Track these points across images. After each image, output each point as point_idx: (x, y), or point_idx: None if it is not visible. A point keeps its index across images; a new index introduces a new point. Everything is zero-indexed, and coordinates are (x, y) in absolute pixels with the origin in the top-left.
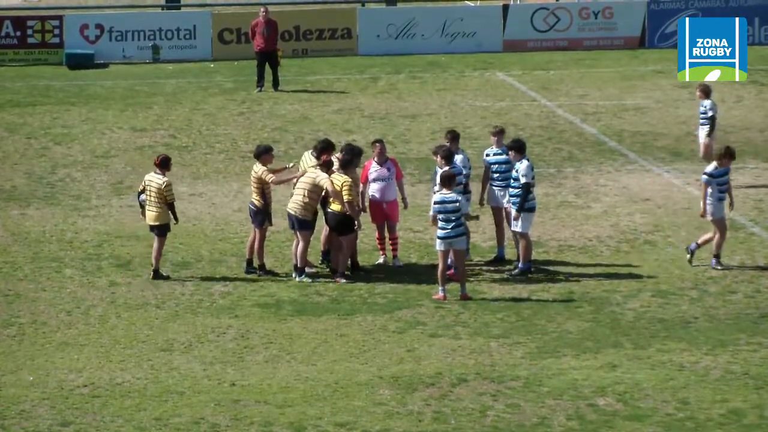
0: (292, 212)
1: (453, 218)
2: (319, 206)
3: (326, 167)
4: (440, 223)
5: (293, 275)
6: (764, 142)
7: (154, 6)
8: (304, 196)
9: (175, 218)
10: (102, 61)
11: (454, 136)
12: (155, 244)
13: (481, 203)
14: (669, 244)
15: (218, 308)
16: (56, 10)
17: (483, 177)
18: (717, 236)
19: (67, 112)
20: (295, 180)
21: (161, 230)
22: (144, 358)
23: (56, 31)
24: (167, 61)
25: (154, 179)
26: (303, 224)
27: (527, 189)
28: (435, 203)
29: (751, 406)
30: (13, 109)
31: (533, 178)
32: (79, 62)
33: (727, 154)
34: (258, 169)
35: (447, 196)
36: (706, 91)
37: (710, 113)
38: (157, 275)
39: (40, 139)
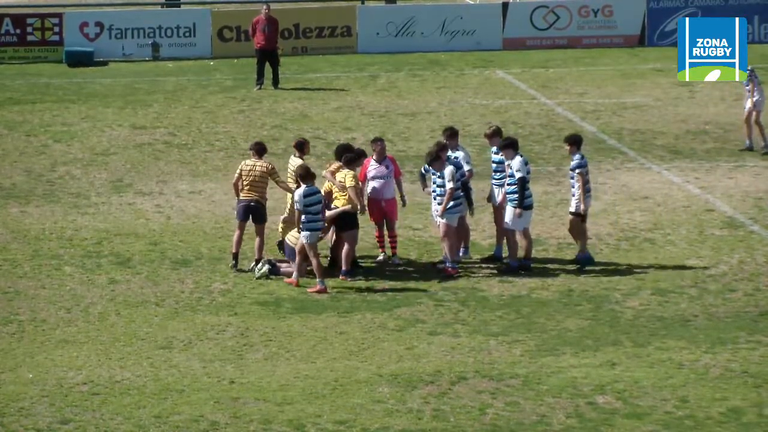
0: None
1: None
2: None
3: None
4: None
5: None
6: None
7: (154, 3)
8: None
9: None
10: (102, 59)
11: (452, 133)
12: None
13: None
14: (668, 242)
15: (218, 306)
16: (56, 8)
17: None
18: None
19: (67, 109)
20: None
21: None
22: (143, 356)
23: (56, 29)
24: (167, 58)
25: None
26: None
27: (523, 184)
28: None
29: (750, 404)
30: (12, 107)
31: (528, 173)
32: (78, 60)
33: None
34: (294, 162)
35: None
36: None
37: None
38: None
39: (40, 137)
